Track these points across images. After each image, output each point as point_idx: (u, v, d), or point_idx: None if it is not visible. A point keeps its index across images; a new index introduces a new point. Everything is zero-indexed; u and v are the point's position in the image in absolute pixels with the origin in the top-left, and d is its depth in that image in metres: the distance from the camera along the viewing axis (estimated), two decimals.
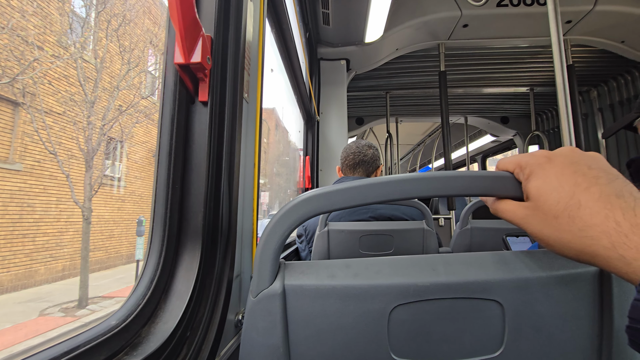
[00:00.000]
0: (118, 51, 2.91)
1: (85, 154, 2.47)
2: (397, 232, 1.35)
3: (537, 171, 0.36)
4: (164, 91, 0.61)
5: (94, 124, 2.56)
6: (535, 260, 0.43)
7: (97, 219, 2.86)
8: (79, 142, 2.46)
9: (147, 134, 3.49)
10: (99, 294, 2.85)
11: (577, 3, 2.50)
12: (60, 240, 2.44)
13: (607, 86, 3.83)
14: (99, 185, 2.86)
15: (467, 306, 0.42)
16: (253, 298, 0.42)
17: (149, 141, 3.54)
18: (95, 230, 2.81)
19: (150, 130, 3.53)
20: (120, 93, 2.88)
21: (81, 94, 2.47)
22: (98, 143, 2.61)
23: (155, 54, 3.46)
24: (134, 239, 3.36)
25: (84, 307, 2.47)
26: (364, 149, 1.64)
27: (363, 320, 0.41)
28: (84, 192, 2.47)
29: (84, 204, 2.44)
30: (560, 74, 1.41)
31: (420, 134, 6.61)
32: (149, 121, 3.44)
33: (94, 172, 2.56)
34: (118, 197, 3.21)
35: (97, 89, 2.61)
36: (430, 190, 0.40)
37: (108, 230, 3.09)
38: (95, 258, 2.86)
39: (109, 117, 2.77)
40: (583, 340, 0.42)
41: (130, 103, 3.01)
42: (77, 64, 2.42)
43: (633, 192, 0.31)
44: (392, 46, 2.98)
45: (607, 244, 0.29)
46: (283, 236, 0.41)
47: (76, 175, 2.44)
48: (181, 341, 0.54)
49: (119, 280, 3.13)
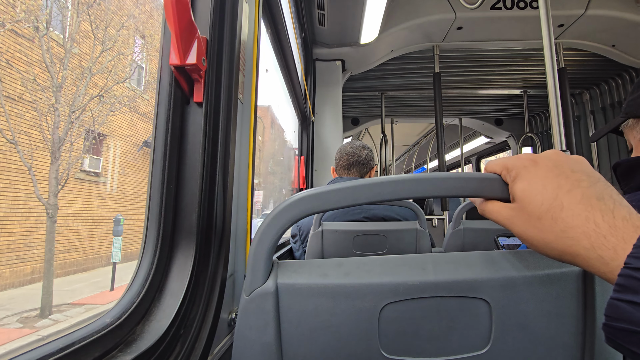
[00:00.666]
0: (90, 29, 2.59)
1: (52, 144, 2.15)
2: (390, 233, 1.36)
3: (523, 173, 0.37)
4: (159, 92, 0.61)
5: (60, 110, 2.24)
6: (522, 260, 0.45)
7: (73, 218, 2.65)
8: (43, 131, 2.13)
9: (131, 127, 3.27)
10: (69, 300, 2.59)
11: (569, 7, 2.54)
12: (29, 241, 2.19)
13: (599, 89, 3.89)
14: (79, 181, 2.63)
15: (455, 304, 0.43)
16: (246, 296, 0.42)
17: (134, 135, 3.32)
18: (71, 229, 2.62)
19: (136, 123, 3.29)
20: (96, 79, 2.60)
21: (46, 76, 2.17)
22: (65, 132, 2.30)
23: (137, 35, 3.19)
24: (118, 238, 3.17)
25: (46, 316, 2.18)
26: (358, 150, 1.65)
27: (354, 318, 0.42)
28: (49, 187, 2.16)
29: (48, 200, 2.14)
30: (551, 77, 1.44)
31: (416, 135, 6.64)
32: (133, 114, 3.20)
33: (61, 165, 2.26)
34: (98, 194, 2.98)
35: (66, 71, 2.32)
36: (420, 191, 0.41)
37: (86, 229, 2.86)
38: (70, 259, 2.66)
39: (79, 103, 2.47)
40: (567, 337, 0.44)
41: (103, 88, 2.72)
42: (42, 42, 2.13)
43: (613, 195, 0.32)
44: (387, 47, 2.99)
45: (587, 245, 0.31)
46: (277, 235, 0.42)
47: (41, 168, 2.15)
48: (175, 339, 0.54)
49: (94, 284, 2.89)
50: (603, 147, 3.82)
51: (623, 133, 0.80)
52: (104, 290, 2.94)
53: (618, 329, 0.27)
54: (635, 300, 0.26)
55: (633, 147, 0.76)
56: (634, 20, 2.56)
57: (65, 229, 2.54)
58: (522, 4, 2.58)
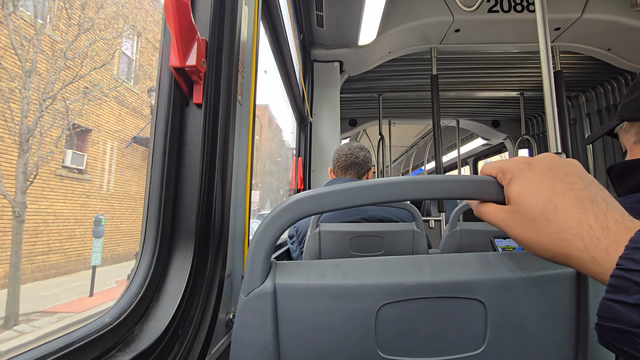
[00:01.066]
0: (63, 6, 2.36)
1: (19, 135, 1.91)
2: (387, 234, 1.37)
3: (518, 176, 0.38)
4: (158, 93, 0.62)
5: (29, 98, 2.00)
6: (516, 261, 0.45)
7: (53, 217, 2.45)
8: (7, 120, 1.89)
9: (119, 122, 3.06)
10: (41, 307, 2.35)
11: (566, 11, 2.56)
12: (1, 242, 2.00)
13: (595, 92, 3.92)
14: (60, 178, 2.43)
15: (451, 305, 0.43)
16: (244, 297, 0.43)
17: (122, 130, 3.12)
18: (51, 230, 2.42)
19: (124, 118, 3.10)
20: (72, 64, 2.36)
21: (11, 60, 1.96)
22: (35, 122, 2.07)
23: (125, 24, 2.98)
24: (98, 240, 2.97)
25: (10, 327, 1.91)
26: (355, 151, 1.66)
27: (351, 318, 0.42)
28: (16, 183, 1.93)
29: (15, 198, 1.91)
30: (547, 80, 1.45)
31: (413, 137, 6.66)
32: (122, 108, 3.02)
33: (30, 159, 2.01)
34: (81, 192, 2.74)
35: (37, 55, 2.09)
36: (417, 193, 0.42)
37: (68, 229, 2.63)
38: (50, 262, 2.45)
39: (52, 91, 2.23)
40: (561, 338, 0.44)
41: (77, 75, 2.43)
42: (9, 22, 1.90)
43: (605, 198, 0.33)
44: (385, 49, 3.00)
45: (580, 246, 0.31)
46: (275, 236, 0.42)
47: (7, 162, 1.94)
48: (173, 339, 0.55)
49: (73, 289, 2.65)
50: (599, 149, 3.85)
51: (618, 136, 0.81)
52: (83, 296, 2.73)
53: (610, 329, 0.28)
54: (626, 300, 0.26)
55: (627, 150, 0.77)
56: (629, 24, 2.59)
57: (44, 229, 2.35)
58: (519, 7, 2.60)
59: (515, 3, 2.61)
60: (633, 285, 0.26)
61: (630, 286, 0.26)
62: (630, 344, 0.26)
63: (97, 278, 2.86)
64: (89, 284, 2.79)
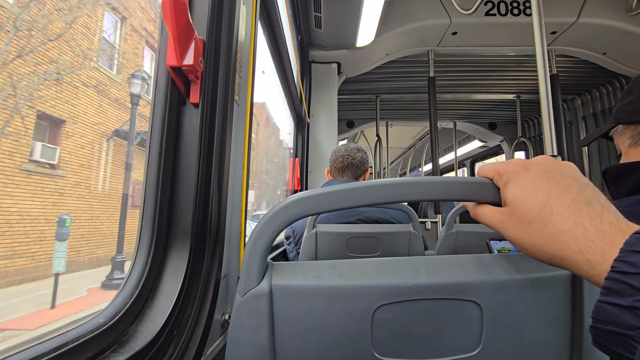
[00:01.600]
0: None
1: None
2: (384, 235, 1.37)
3: (514, 178, 0.38)
4: (155, 92, 0.61)
5: None
6: (512, 263, 0.45)
7: (18, 217, 2.18)
8: None
9: (100, 113, 2.76)
10: None
11: (562, 15, 2.58)
12: None
13: (590, 95, 3.95)
14: (27, 173, 2.12)
15: (447, 307, 0.43)
16: (240, 297, 0.42)
17: (103, 123, 2.82)
18: (15, 231, 2.15)
19: (105, 110, 2.82)
20: None
21: None
22: None
23: None
24: (73, 242, 2.62)
25: None
26: (352, 152, 1.66)
27: (347, 319, 0.42)
28: None
29: None
30: (543, 83, 1.46)
31: (411, 138, 6.68)
32: (102, 98, 2.74)
33: None
34: (53, 190, 2.46)
35: None
36: (414, 194, 0.42)
37: (37, 231, 2.35)
38: (15, 267, 2.18)
39: None
40: (556, 339, 0.45)
41: (22, 49, 2.02)
42: None
43: (601, 200, 0.33)
44: (382, 51, 3.01)
45: (576, 249, 0.31)
46: (271, 237, 0.42)
47: None
48: (168, 339, 0.54)
49: (36, 299, 2.33)
50: (594, 152, 3.88)
51: (613, 138, 0.81)
52: (43, 307, 2.36)
53: (604, 332, 0.28)
54: (621, 303, 0.26)
55: (622, 152, 0.77)
56: (624, 29, 2.61)
57: (7, 231, 2.09)
58: (516, 11, 2.62)
59: (512, 7, 2.63)
60: (627, 287, 0.26)
61: (624, 289, 0.26)
62: (625, 347, 0.26)
63: (70, 284, 2.56)
64: (62, 291, 2.45)
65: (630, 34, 2.66)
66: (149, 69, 3.22)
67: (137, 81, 2.63)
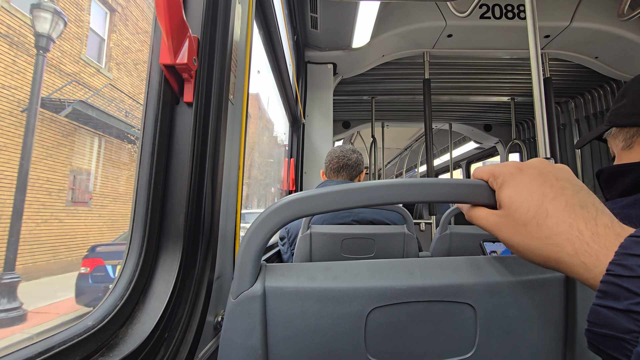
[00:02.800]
0: None
1: None
2: (378, 236, 1.37)
3: (509, 181, 0.38)
4: (148, 91, 0.60)
5: None
6: (506, 265, 0.45)
7: None
8: None
9: (14, 73, 2.00)
10: None
11: (555, 19, 2.61)
12: None
13: (583, 98, 4.00)
14: None
15: (441, 309, 0.43)
16: (233, 299, 0.42)
17: (21, 87, 2.07)
18: None
19: (25, 68, 1.99)
20: None
21: None
22: None
23: None
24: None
25: None
26: (348, 153, 1.66)
27: (341, 322, 0.42)
28: None
29: None
30: (537, 86, 1.47)
31: (407, 139, 6.70)
32: (17, 52, 1.94)
33: None
34: None
35: None
36: (409, 196, 0.41)
37: None
38: None
39: None
40: (549, 342, 0.44)
41: None
42: None
43: (595, 203, 0.33)
44: (378, 52, 3.02)
45: (571, 251, 0.31)
46: (265, 238, 0.42)
47: None
48: (159, 342, 0.53)
49: None
50: (587, 154, 3.93)
51: (607, 141, 0.82)
52: None
53: (600, 335, 0.28)
54: (616, 306, 0.26)
55: (616, 155, 0.78)
56: (616, 33, 2.65)
57: None
58: (510, 14, 2.64)
59: (506, 10, 2.65)
60: (623, 291, 0.26)
61: (620, 292, 0.26)
62: (620, 350, 0.26)
63: None
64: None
65: (622, 39, 2.69)
66: None
67: (43, 14, 1.82)
